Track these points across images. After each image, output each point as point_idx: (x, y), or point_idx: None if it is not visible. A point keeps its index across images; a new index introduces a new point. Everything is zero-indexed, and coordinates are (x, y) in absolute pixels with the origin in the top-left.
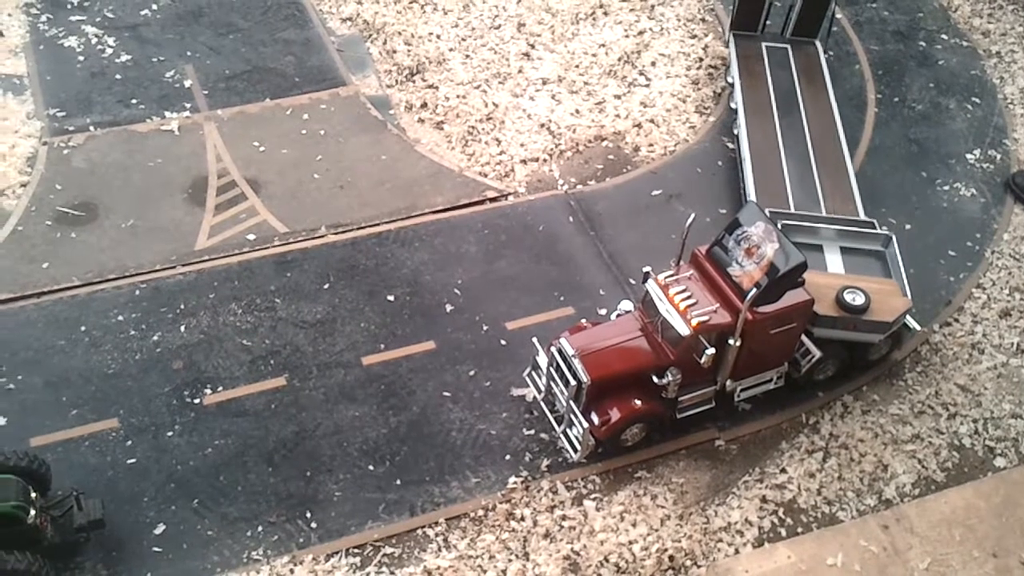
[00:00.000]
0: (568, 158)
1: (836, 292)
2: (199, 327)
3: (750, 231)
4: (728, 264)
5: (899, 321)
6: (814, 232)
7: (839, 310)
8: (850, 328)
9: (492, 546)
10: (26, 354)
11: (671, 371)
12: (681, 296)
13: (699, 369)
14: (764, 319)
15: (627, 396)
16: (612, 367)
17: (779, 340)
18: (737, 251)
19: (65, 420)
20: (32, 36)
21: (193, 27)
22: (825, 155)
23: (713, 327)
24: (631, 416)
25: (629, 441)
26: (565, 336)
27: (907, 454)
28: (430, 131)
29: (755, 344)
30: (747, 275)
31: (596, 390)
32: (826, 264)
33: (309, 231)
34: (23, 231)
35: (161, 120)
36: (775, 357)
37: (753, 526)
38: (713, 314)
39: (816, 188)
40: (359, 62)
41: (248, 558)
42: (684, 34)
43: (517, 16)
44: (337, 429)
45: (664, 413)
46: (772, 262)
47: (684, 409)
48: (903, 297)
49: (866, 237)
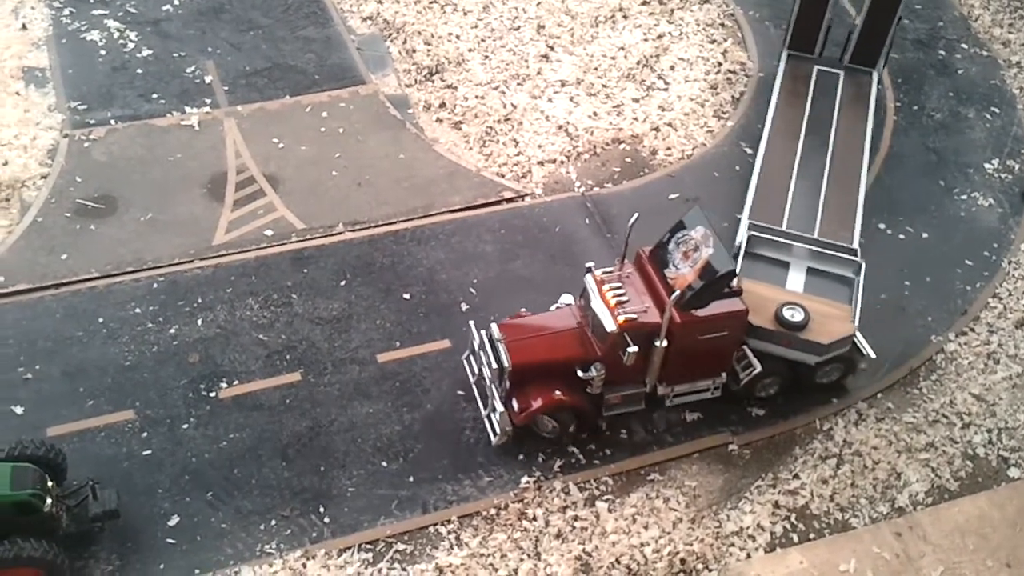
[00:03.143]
0: (585, 160)
1: (777, 307)
2: (216, 321)
3: (691, 234)
4: (666, 265)
5: (839, 346)
6: (785, 249)
7: (776, 324)
8: (784, 344)
9: (504, 545)
10: (44, 344)
11: (595, 366)
12: (614, 293)
13: (625, 368)
14: (691, 323)
15: (550, 386)
16: (535, 355)
17: (711, 348)
18: (676, 253)
19: (81, 410)
20: (55, 29)
21: (214, 23)
22: (839, 181)
23: (639, 326)
24: (550, 406)
25: (552, 434)
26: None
27: (921, 462)
28: (448, 131)
29: (684, 349)
30: (681, 277)
31: (519, 376)
32: (786, 281)
33: (326, 228)
34: (43, 222)
35: (181, 115)
36: (709, 365)
37: (765, 531)
38: (642, 313)
39: (817, 211)
40: (379, 61)
41: (261, 551)
42: (703, 38)
43: (537, 18)
44: (351, 425)
45: (587, 408)
46: (704, 267)
47: (611, 407)
48: (848, 323)
49: (838, 262)
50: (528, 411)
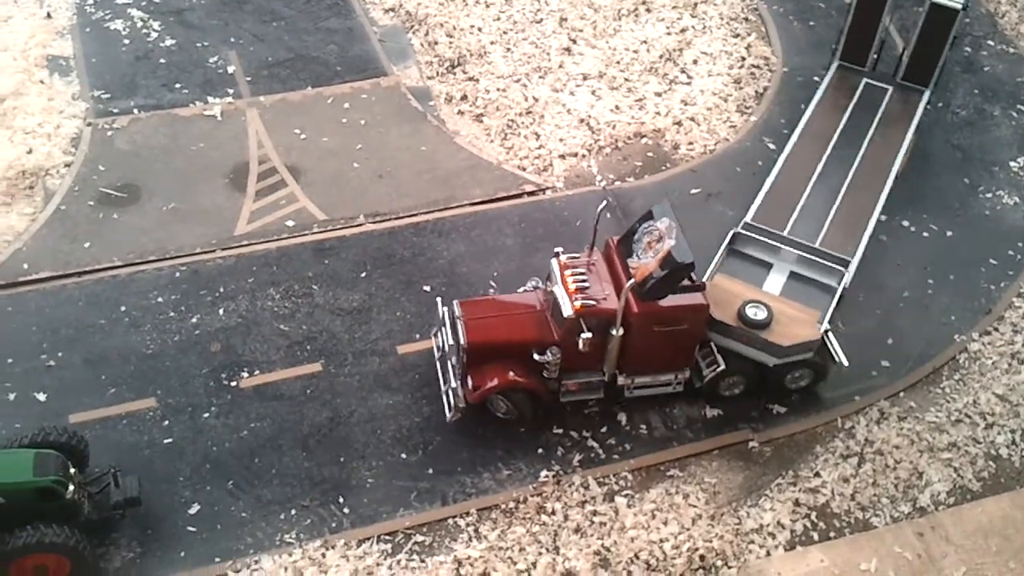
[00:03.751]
0: (607, 154)
1: (741, 303)
2: (237, 311)
3: (656, 225)
4: (631, 255)
5: (800, 350)
6: (772, 251)
7: (738, 321)
8: (744, 342)
9: (523, 538)
10: (66, 332)
11: (551, 350)
12: (575, 278)
13: (582, 354)
14: (649, 314)
15: (506, 367)
16: (492, 335)
17: (670, 340)
18: (640, 243)
19: (103, 398)
20: (79, 18)
21: (237, 14)
22: (858, 194)
23: (596, 312)
24: (503, 386)
25: (507, 415)
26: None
27: (943, 462)
28: (470, 123)
29: (642, 339)
30: (642, 267)
31: (475, 355)
32: (764, 282)
33: (347, 219)
34: (66, 210)
35: (204, 105)
36: (669, 359)
37: (785, 529)
38: (601, 300)
39: (826, 220)
40: (400, 53)
41: (281, 541)
42: (727, 32)
43: (559, 11)
44: (371, 416)
45: (542, 392)
46: (665, 258)
47: (568, 393)
48: (813, 328)
49: (823, 269)
50: (482, 390)
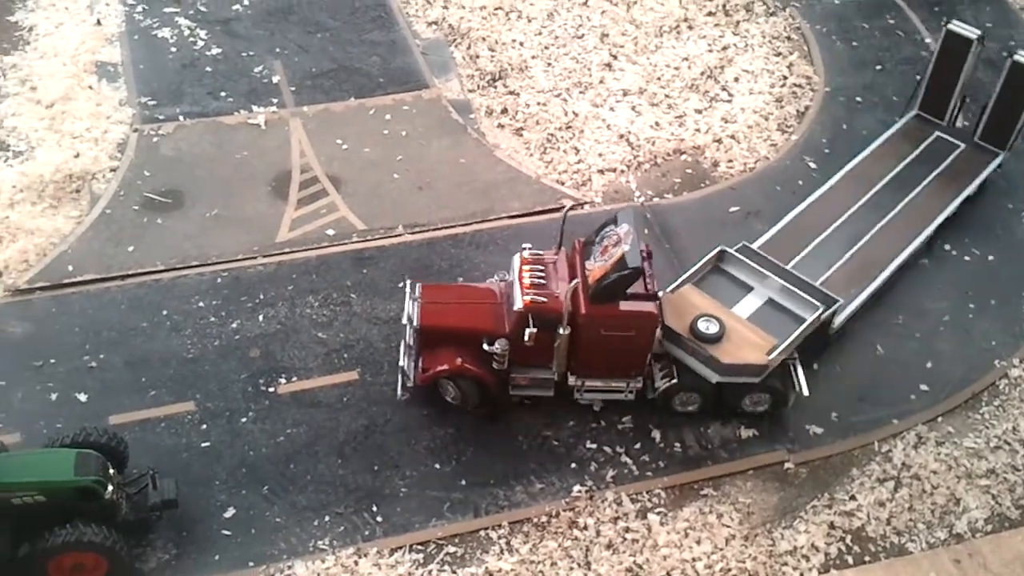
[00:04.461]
0: (646, 170)
1: (697, 315)
2: (277, 317)
3: (616, 230)
4: (589, 257)
5: (743, 372)
6: (756, 275)
7: (689, 332)
8: (690, 353)
9: (554, 553)
10: (109, 334)
11: (500, 342)
12: (532, 274)
13: (531, 350)
14: (596, 316)
15: (457, 353)
16: (446, 320)
17: (619, 346)
18: (599, 246)
19: (143, 400)
20: (128, 26)
21: (283, 24)
22: (882, 244)
23: (544, 309)
24: (451, 371)
25: (455, 400)
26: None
27: (981, 489)
28: (509, 137)
29: (589, 341)
30: (596, 270)
31: (428, 338)
32: (738, 303)
33: (387, 229)
34: (111, 214)
35: (248, 114)
36: (619, 364)
37: (820, 552)
38: (552, 298)
39: (835, 262)
40: (442, 66)
41: (314, 547)
42: (768, 51)
43: (601, 27)
44: (406, 426)
45: (489, 382)
46: (617, 263)
47: (517, 388)
48: (763, 354)
49: (802, 302)
50: (430, 372)
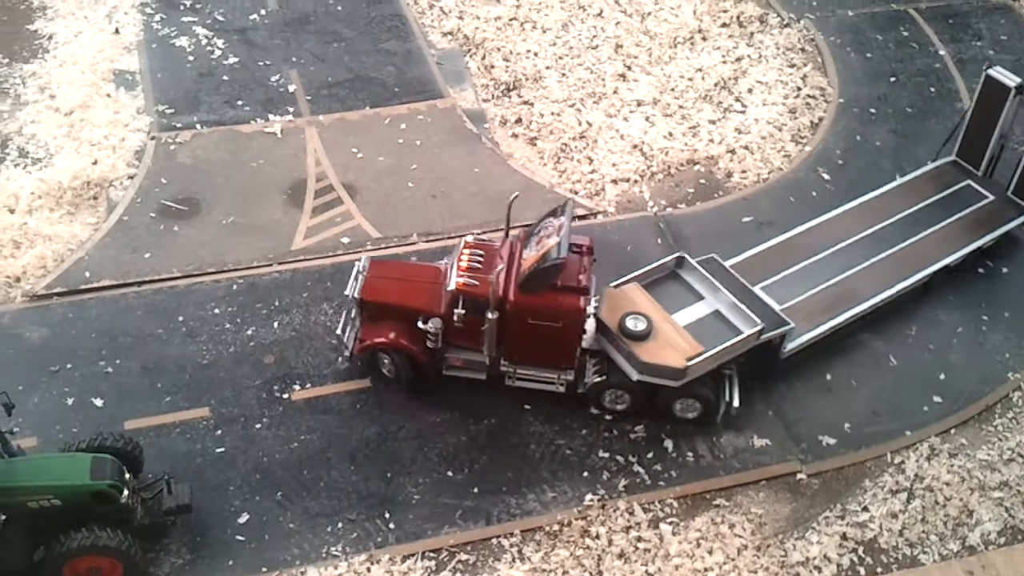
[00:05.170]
0: (659, 180)
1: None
2: (291, 324)
3: (552, 222)
4: (528, 247)
5: (661, 373)
6: (710, 286)
7: (617, 328)
8: (615, 347)
9: (566, 561)
10: (125, 340)
11: (433, 321)
12: (471, 258)
13: (462, 331)
14: (522, 304)
15: (393, 328)
16: (384, 296)
17: (546, 336)
18: (536, 237)
19: (159, 406)
20: (146, 34)
21: (299, 34)
22: (866, 281)
23: (473, 292)
24: (384, 344)
25: (390, 373)
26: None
27: (994, 501)
28: (523, 146)
29: (517, 329)
30: (529, 259)
31: (367, 311)
32: (682, 309)
33: (401, 237)
34: (128, 221)
35: (265, 122)
36: (547, 354)
37: (832, 563)
38: (484, 283)
39: (808, 291)
40: (457, 75)
41: (327, 553)
42: (783, 62)
43: (615, 37)
44: (418, 433)
45: (421, 358)
46: (545, 254)
47: (451, 367)
48: (684, 359)
49: (744, 318)
50: (364, 343)
